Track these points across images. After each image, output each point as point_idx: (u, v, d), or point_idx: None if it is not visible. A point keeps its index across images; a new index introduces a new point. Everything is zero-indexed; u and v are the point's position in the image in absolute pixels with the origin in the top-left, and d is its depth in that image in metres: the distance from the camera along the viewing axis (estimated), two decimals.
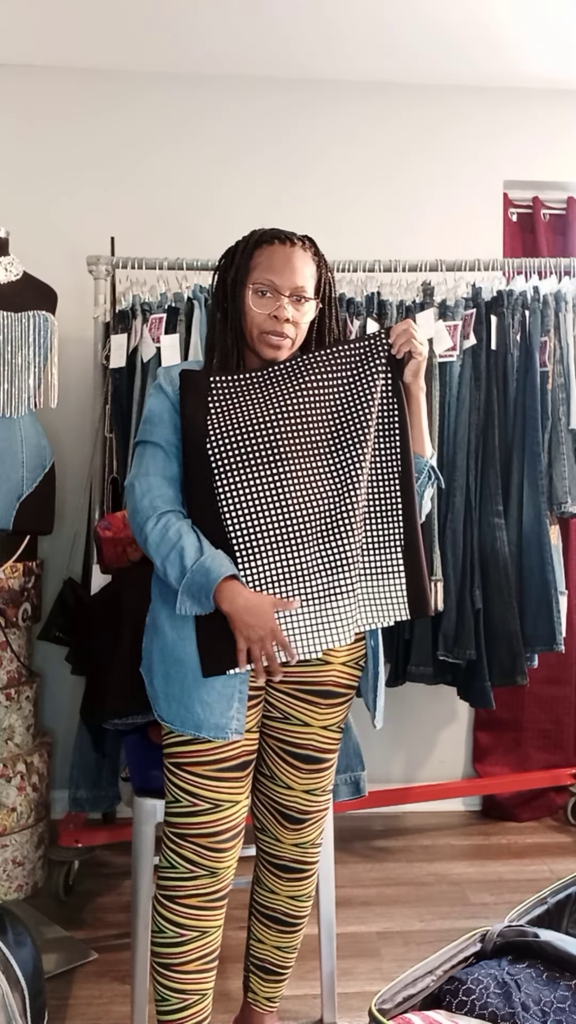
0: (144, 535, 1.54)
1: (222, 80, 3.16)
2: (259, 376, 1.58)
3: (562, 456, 2.62)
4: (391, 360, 1.60)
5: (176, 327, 2.58)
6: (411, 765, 3.22)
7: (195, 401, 1.56)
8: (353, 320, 2.62)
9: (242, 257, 1.60)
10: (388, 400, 1.61)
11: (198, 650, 1.51)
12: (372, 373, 1.59)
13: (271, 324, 1.57)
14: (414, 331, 1.59)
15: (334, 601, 1.55)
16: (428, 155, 3.21)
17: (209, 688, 1.51)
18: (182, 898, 1.55)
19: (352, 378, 1.59)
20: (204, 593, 1.48)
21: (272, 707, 1.64)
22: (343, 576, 1.55)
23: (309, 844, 1.72)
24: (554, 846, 2.88)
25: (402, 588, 1.59)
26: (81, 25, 2.85)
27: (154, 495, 1.55)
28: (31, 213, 3.01)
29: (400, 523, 1.59)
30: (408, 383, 1.61)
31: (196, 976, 1.57)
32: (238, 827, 1.57)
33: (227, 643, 1.51)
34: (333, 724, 1.66)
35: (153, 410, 1.61)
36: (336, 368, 1.59)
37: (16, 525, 2.36)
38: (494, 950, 1.54)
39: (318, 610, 1.55)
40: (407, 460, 1.60)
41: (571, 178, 3.25)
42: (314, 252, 1.63)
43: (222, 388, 1.57)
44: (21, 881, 2.48)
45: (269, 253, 1.58)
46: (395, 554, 1.59)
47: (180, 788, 1.55)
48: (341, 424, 1.58)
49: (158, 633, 1.57)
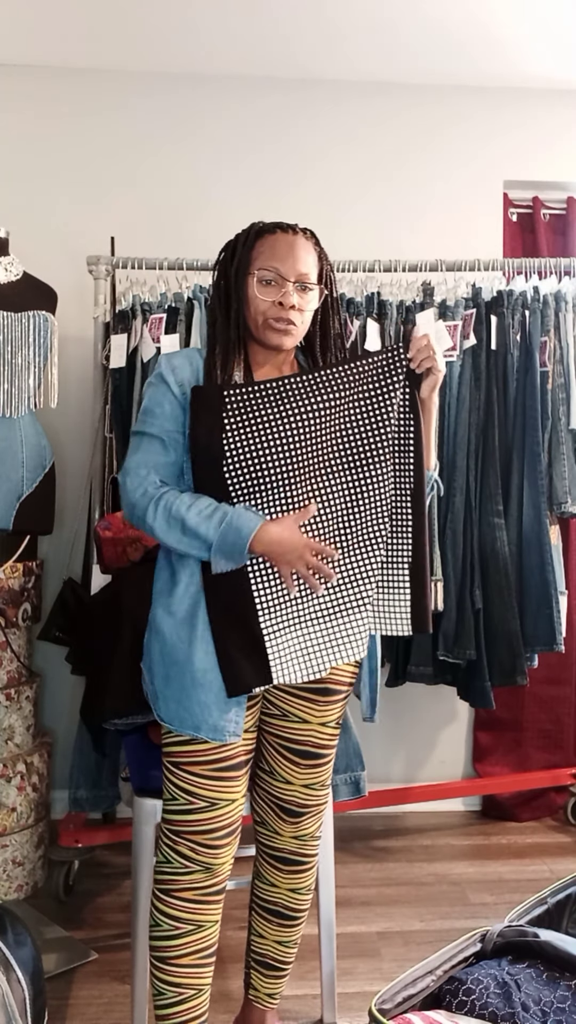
0: (149, 526, 1.53)
1: (222, 80, 3.16)
2: (275, 387, 1.52)
3: (562, 456, 2.62)
4: (410, 375, 1.58)
5: (176, 327, 2.58)
6: (411, 765, 3.22)
7: (209, 418, 1.51)
8: (353, 320, 2.62)
9: (244, 248, 1.59)
10: (405, 416, 1.58)
11: (220, 670, 1.51)
12: (390, 388, 1.57)
13: (276, 311, 1.55)
14: (433, 345, 1.57)
15: (349, 615, 1.57)
16: (428, 155, 3.21)
17: (207, 690, 1.51)
18: (177, 892, 1.56)
19: (370, 393, 1.57)
20: (238, 551, 1.49)
21: (270, 704, 1.65)
22: (358, 591, 1.57)
23: (308, 836, 1.73)
24: (554, 846, 2.88)
25: (406, 604, 1.59)
26: (81, 25, 2.85)
27: (146, 485, 1.54)
28: (31, 213, 3.01)
29: (409, 539, 1.59)
30: (424, 398, 1.60)
31: (192, 970, 1.58)
32: (234, 824, 1.58)
33: (250, 660, 1.51)
34: (331, 720, 1.66)
35: (153, 400, 1.58)
36: (353, 384, 1.55)
37: (16, 525, 2.36)
38: (494, 950, 1.54)
39: (335, 624, 1.56)
40: (420, 477, 1.59)
41: (571, 178, 3.25)
42: (315, 243, 1.62)
43: (237, 402, 1.52)
44: (21, 881, 2.48)
45: (272, 242, 1.57)
46: (402, 570, 1.59)
47: (177, 787, 1.56)
48: (360, 440, 1.57)
49: (157, 634, 1.57)
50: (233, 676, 1.51)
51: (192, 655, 1.52)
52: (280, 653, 1.53)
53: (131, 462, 1.58)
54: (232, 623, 1.52)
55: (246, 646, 1.51)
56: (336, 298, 1.68)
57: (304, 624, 1.56)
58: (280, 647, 1.54)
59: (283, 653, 1.54)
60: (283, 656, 1.54)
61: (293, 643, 1.55)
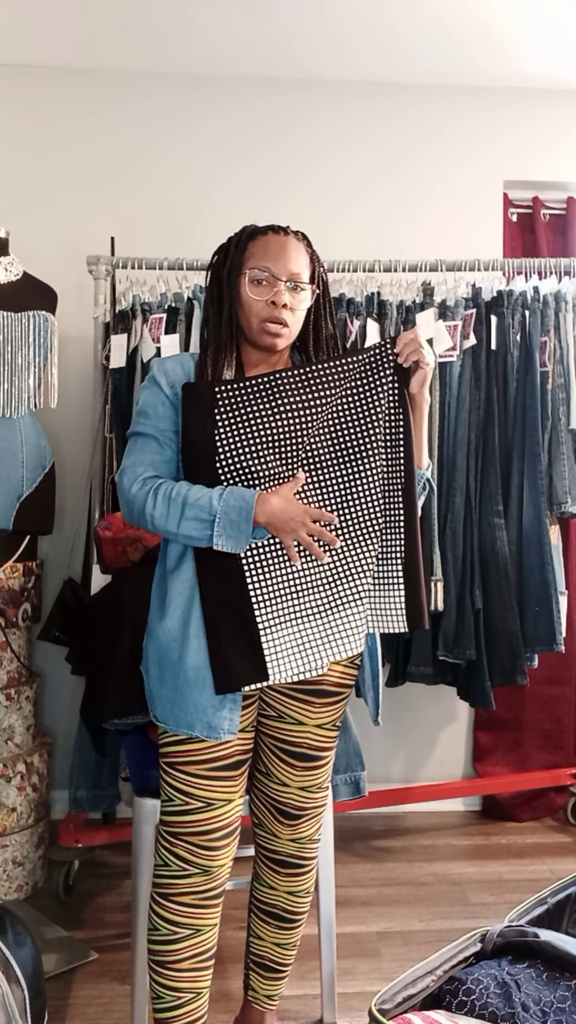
0: (149, 515, 1.53)
1: (222, 80, 3.16)
2: (266, 382, 1.54)
3: (562, 456, 2.62)
4: (398, 370, 1.58)
5: (176, 327, 2.58)
6: (411, 765, 3.22)
7: (201, 414, 1.52)
8: (353, 320, 2.62)
9: (236, 250, 1.60)
10: (394, 411, 1.58)
11: (211, 667, 1.51)
12: (379, 383, 1.57)
13: (269, 311, 1.56)
14: (421, 340, 1.57)
15: (344, 610, 1.56)
16: (428, 155, 3.21)
17: (201, 689, 1.51)
18: (176, 896, 1.56)
19: (358, 389, 1.58)
20: (244, 516, 1.48)
21: (267, 705, 1.64)
22: (353, 586, 1.56)
23: (306, 840, 1.73)
24: (554, 846, 2.88)
25: (400, 601, 1.58)
26: (81, 25, 2.85)
27: (143, 480, 1.55)
28: (31, 213, 3.01)
29: (401, 535, 1.58)
30: (414, 394, 1.59)
31: (190, 974, 1.58)
32: (231, 826, 1.58)
33: (240, 660, 1.51)
34: (328, 723, 1.66)
35: (147, 402, 1.61)
36: (342, 379, 1.57)
37: (16, 525, 2.36)
38: (494, 950, 1.54)
39: (329, 620, 1.56)
40: (410, 472, 1.58)
41: (571, 178, 3.25)
42: (307, 244, 1.63)
43: (228, 398, 1.53)
44: (21, 881, 2.48)
45: (264, 243, 1.59)
46: (395, 566, 1.58)
47: (173, 787, 1.56)
48: (348, 436, 1.57)
49: (152, 636, 1.57)
50: (224, 673, 1.50)
51: (185, 654, 1.52)
52: (276, 650, 1.53)
53: (127, 462, 1.59)
54: (227, 618, 1.51)
55: (241, 642, 1.51)
56: (329, 299, 1.68)
57: (300, 620, 1.55)
58: (276, 643, 1.53)
59: (279, 650, 1.53)
60: (279, 653, 1.53)
61: (289, 639, 1.54)
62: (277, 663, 1.53)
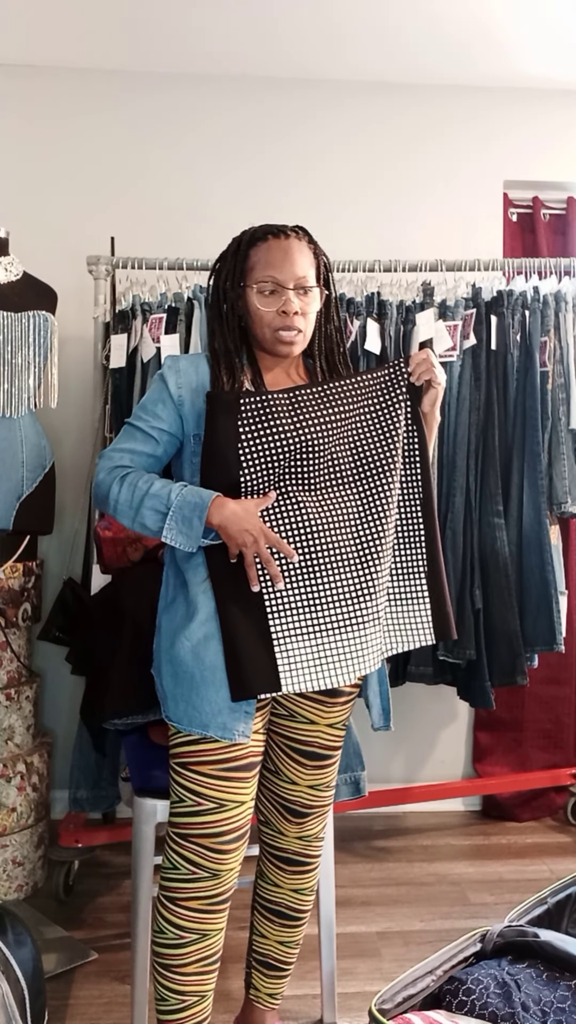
0: (112, 501, 1.53)
1: (222, 80, 3.16)
2: (287, 398, 1.54)
3: (562, 456, 2.62)
4: (410, 388, 1.61)
5: (176, 327, 2.58)
6: (411, 765, 3.22)
7: (226, 425, 1.51)
8: (353, 320, 2.62)
9: (237, 259, 1.59)
10: (409, 428, 1.62)
11: (227, 674, 1.51)
12: (394, 402, 1.60)
13: (280, 320, 1.55)
14: (434, 360, 1.59)
15: (363, 629, 1.56)
16: (428, 155, 3.21)
17: (217, 688, 1.51)
18: (183, 900, 1.55)
19: (374, 407, 1.60)
20: (198, 512, 1.47)
21: (278, 704, 1.64)
22: (370, 604, 1.57)
23: (312, 837, 1.73)
24: (554, 846, 2.88)
25: (427, 613, 1.62)
26: (81, 25, 2.85)
27: (116, 467, 1.56)
28: (31, 213, 3.01)
29: (423, 549, 1.62)
30: (426, 412, 1.62)
31: (196, 978, 1.57)
32: (242, 829, 1.56)
33: (258, 666, 1.51)
34: (338, 722, 1.67)
35: (149, 398, 1.61)
36: (358, 397, 1.59)
37: (16, 525, 2.36)
38: (494, 950, 1.54)
39: (349, 637, 1.56)
40: (428, 487, 1.62)
41: (571, 178, 3.25)
42: (308, 240, 1.62)
43: (253, 410, 1.52)
44: (21, 881, 2.48)
45: (265, 250, 1.57)
46: (419, 580, 1.62)
47: (185, 788, 1.55)
48: (367, 454, 1.59)
49: (166, 634, 1.57)
50: (239, 680, 1.50)
51: (201, 654, 1.51)
52: (290, 660, 1.53)
53: (110, 448, 1.60)
54: (242, 624, 1.51)
55: (256, 649, 1.51)
56: (333, 289, 1.67)
57: (319, 633, 1.54)
58: (291, 654, 1.53)
59: (294, 661, 1.53)
60: (294, 664, 1.53)
61: (306, 652, 1.54)
62: (291, 674, 1.53)
